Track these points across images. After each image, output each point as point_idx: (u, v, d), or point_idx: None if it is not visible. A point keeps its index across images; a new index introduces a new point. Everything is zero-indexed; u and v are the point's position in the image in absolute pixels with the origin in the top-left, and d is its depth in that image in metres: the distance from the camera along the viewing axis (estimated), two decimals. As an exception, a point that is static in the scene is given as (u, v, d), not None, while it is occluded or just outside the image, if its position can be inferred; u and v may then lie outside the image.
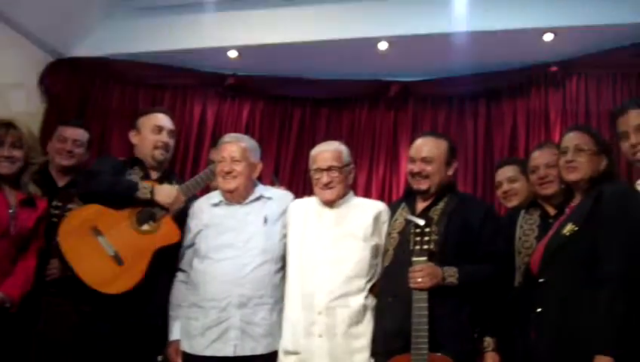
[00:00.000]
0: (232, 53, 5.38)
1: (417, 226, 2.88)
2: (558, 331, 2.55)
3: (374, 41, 5.06)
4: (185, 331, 3.18)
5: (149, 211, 3.32)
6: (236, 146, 3.32)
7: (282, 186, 3.83)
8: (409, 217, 3.03)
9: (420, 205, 3.13)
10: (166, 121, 3.62)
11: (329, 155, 3.22)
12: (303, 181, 5.16)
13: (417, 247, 2.86)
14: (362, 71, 5.50)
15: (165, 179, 3.53)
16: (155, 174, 3.55)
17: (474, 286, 2.90)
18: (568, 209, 2.85)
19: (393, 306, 2.93)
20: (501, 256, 3.03)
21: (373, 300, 3.06)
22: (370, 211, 3.18)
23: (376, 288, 3.08)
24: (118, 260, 3.18)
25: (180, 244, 3.34)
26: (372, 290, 3.07)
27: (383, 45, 5.09)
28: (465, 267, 2.89)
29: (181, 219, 3.38)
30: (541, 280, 2.69)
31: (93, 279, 3.11)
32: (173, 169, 4.30)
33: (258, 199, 3.33)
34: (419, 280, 2.79)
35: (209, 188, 3.65)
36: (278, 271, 3.20)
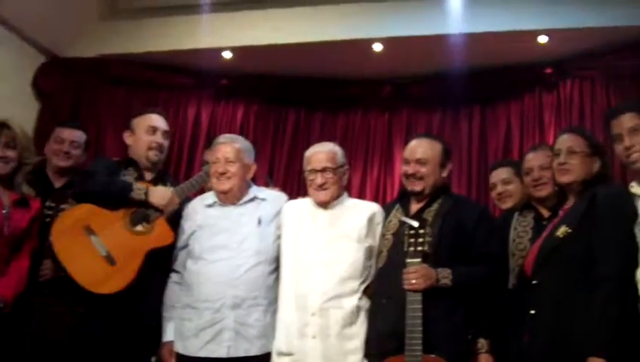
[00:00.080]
0: (227, 54, 5.37)
1: (411, 228, 2.88)
2: (552, 333, 2.55)
3: (369, 43, 5.05)
4: (178, 332, 3.17)
5: (143, 212, 3.31)
6: (230, 147, 3.32)
7: (276, 187, 3.82)
8: (403, 219, 3.02)
9: (414, 207, 3.12)
10: (160, 122, 3.61)
11: (323, 156, 3.22)
12: (298, 182, 5.17)
13: (411, 249, 2.85)
14: (357, 72, 5.50)
15: (159, 180, 3.52)
16: (150, 175, 3.54)
17: (468, 287, 2.90)
18: (562, 211, 2.85)
19: (387, 307, 2.92)
20: (495, 258, 3.03)
21: (367, 301, 3.06)
22: (364, 212, 3.18)
23: (370, 289, 3.08)
24: (110, 260, 3.17)
25: (174, 245, 3.33)
26: (366, 292, 3.07)
27: (378, 46, 5.08)
28: (459, 268, 2.88)
29: (175, 221, 3.37)
30: (535, 282, 2.70)
31: (84, 279, 3.11)
32: (167, 170, 4.29)
33: (252, 200, 3.33)
34: (413, 281, 2.78)
35: (203, 189, 3.64)
36: (272, 273, 3.20)
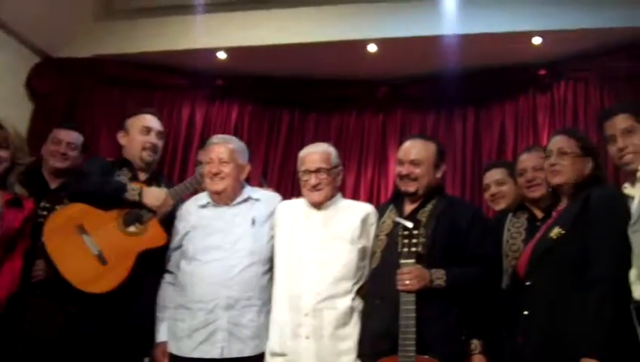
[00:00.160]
0: (221, 54, 5.36)
1: (405, 228, 2.88)
2: (546, 334, 2.56)
3: (364, 43, 5.05)
4: (172, 333, 3.17)
5: (137, 213, 3.31)
6: (224, 148, 3.31)
7: (270, 188, 3.82)
8: (397, 219, 3.03)
9: (408, 207, 3.12)
10: (154, 122, 3.60)
11: (317, 157, 3.22)
12: (292, 182, 5.16)
13: (405, 249, 2.85)
14: (351, 73, 5.49)
15: (153, 181, 3.52)
16: (144, 175, 3.53)
17: (461, 288, 2.90)
18: (555, 212, 2.86)
19: (381, 308, 2.92)
20: (489, 259, 3.03)
21: (360, 302, 3.06)
22: (358, 213, 3.18)
23: (363, 290, 3.08)
24: (102, 260, 3.17)
25: (167, 246, 3.33)
26: (359, 292, 3.07)
27: (372, 47, 5.08)
28: (452, 269, 2.89)
29: (168, 223, 3.36)
30: (528, 283, 2.71)
31: (76, 278, 3.10)
32: (161, 170, 4.29)
33: (246, 200, 3.33)
34: (406, 282, 2.78)
35: (197, 191, 3.63)
36: (266, 273, 3.19)
